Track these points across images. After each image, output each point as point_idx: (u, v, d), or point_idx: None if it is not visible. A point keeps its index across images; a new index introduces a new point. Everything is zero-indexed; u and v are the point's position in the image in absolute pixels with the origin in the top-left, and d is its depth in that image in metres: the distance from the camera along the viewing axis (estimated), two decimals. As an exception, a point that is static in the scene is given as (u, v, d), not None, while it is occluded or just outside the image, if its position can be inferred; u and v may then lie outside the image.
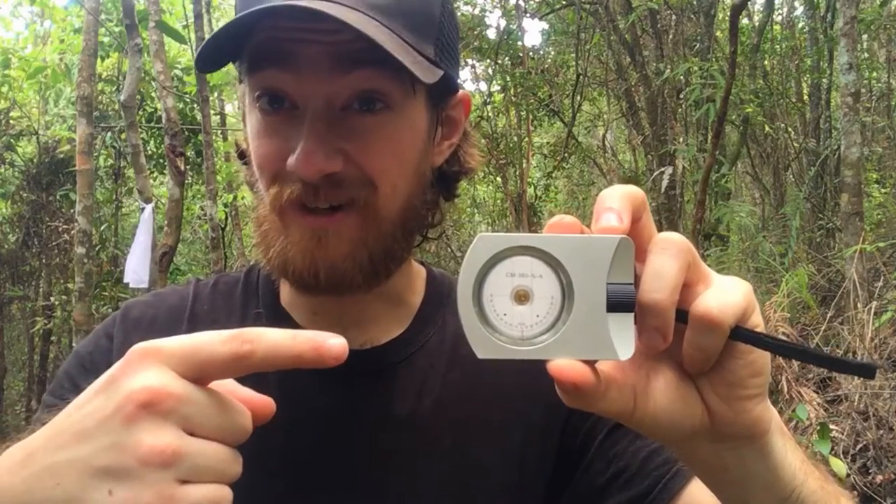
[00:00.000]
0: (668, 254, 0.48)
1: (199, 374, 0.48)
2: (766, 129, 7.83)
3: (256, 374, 0.74)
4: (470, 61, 8.83)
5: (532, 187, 9.04)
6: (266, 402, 0.53)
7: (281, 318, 0.85)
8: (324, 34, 0.68)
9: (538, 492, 0.83)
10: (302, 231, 0.73)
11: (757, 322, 0.50)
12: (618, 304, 0.48)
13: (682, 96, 7.37)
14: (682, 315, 0.49)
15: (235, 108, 11.13)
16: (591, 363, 0.48)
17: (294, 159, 0.70)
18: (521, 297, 0.49)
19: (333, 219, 0.73)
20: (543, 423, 0.83)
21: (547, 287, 0.48)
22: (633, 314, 0.49)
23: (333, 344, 0.49)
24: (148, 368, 0.47)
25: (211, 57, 0.73)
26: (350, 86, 0.71)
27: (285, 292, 0.88)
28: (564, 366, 0.47)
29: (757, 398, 0.52)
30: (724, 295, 0.49)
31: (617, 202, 0.48)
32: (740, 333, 0.49)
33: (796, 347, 0.52)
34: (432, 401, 0.82)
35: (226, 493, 0.48)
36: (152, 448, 0.45)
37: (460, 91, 0.83)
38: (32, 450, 0.48)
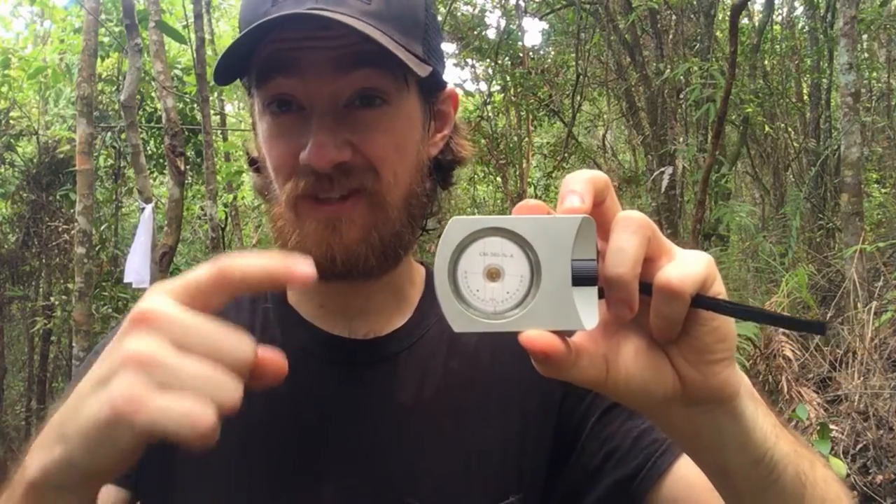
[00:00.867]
0: (629, 231, 0.51)
1: (194, 299, 0.52)
2: (766, 129, 7.84)
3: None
4: (470, 61, 8.84)
5: (532, 187, 9.04)
6: (278, 359, 0.55)
7: (288, 313, 0.90)
8: (323, 41, 0.75)
9: (538, 475, 0.86)
10: (316, 221, 0.78)
11: (718, 290, 0.53)
12: (582, 278, 0.52)
13: (682, 96, 7.37)
14: (648, 287, 0.52)
15: (236, 108, 11.14)
16: (561, 335, 0.51)
17: (307, 152, 0.76)
18: (493, 274, 0.52)
19: (345, 206, 0.78)
20: (540, 408, 0.87)
21: (517, 265, 0.52)
22: (596, 287, 0.52)
23: (302, 265, 0.53)
24: (151, 297, 0.52)
25: (225, 72, 0.80)
26: (351, 84, 0.77)
27: (292, 289, 0.91)
28: (534, 336, 0.50)
29: (724, 362, 0.55)
30: (685, 266, 0.52)
31: (579, 185, 0.52)
32: (701, 301, 0.52)
33: (752, 310, 0.55)
34: (433, 388, 0.86)
35: (206, 412, 0.48)
36: (130, 352, 0.49)
37: (448, 87, 0.90)
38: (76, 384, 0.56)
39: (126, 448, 0.50)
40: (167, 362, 0.49)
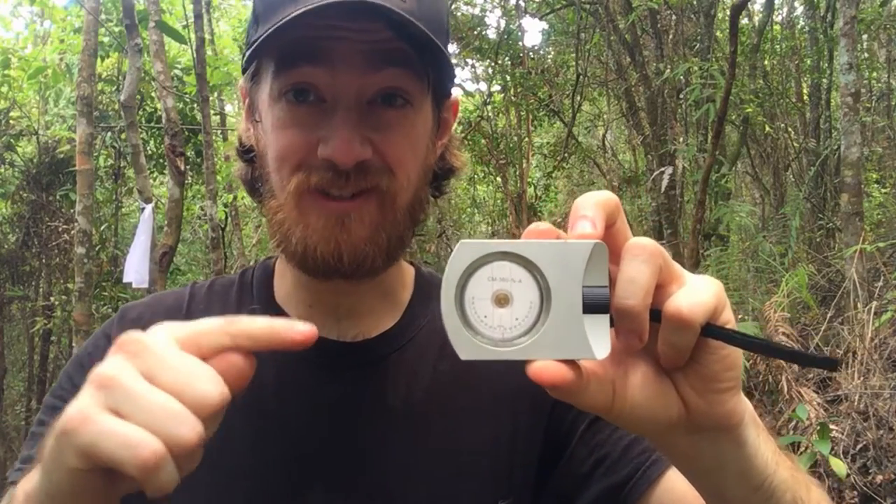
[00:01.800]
0: (640, 259, 0.50)
1: (190, 340, 0.52)
2: (766, 129, 7.83)
3: (255, 368, 0.73)
4: (470, 61, 8.83)
5: (532, 187, 9.04)
6: (239, 361, 0.53)
7: (276, 313, 0.88)
8: (357, 33, 0.73)
9: (528, 478, 0.85)
10: (325, 217, 0.76)
11: (727, 319, 0.53)
12: (593, 305, 0.51)
13: (682, 96, 7.36)
14: (657, 314, 0.51)
15: (235, 108, 11.12)
16: (570, 362, 0.50)
17: (330, 147, 0.74)
18: (502, 300, 0.51)
19: (355, 203, 0.77)
20: (530, 412, 0.86)
21: (526, 291, 0.51)
22: (608, 315, 0.51)
23: (302, 326, 0.54)
24: (152, 328, 0.53)
25: (251, 55, 0.78)
26: (379, 82, 0.76)
27: (280, 289, 0.91)
28: (542, 367, 0.49)
29: (731, 391, 0.54)
30: (695, 294, 0.51)
31: (591, 210, 0.51)
32: (711, 330, 0.51)
33: (763, 343, 0.55)
34: (423, 390, 0.85)
35: (151, 443, 0.46)
36: (97, 373, 0.50)
37: (452, 96, 0.89)
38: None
39: (71, 468, 0.49)
40: (128, 387, 0.48)
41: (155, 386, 0.49)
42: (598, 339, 0.51)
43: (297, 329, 0.53)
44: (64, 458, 0.49)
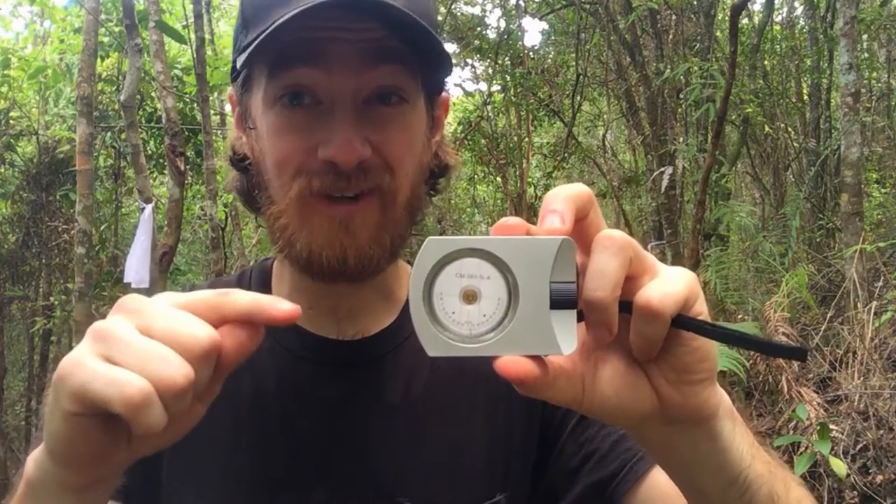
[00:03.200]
0: (609, 252, 0.50)
1: (188, 307, 0.53)
2: (766, 129, 7.83)
3: (255, 367, 0.74)
4: (470, 61, 8.83)
5: (532, 187, 9.03)
6: (240, 331, 0.54)
7: None
8: (351, 32, 0.73)
9: (525, 473, 0.87)
10: (329, 221, 0.76)
11: (700, 310, 0.53)
12: (560, 301, 0.51)
13: (682, 96, 7.36)
14: (628, 306, 0.51)
15: (235, 108, 11.11)
16: (537, 357, 0.51)
17: (331, 148, 0.73)
18: (470, 296, 0.51)
19: (358, 206, 0.77)
20: (526, 408, 0.87)
21: (494, 287, 0.51)
22: (575, 311, 0.51)
23: (286, 305, 0.53)
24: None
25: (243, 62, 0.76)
26: (375, 80, 0.75)
27: (278, 290, 0.91)
28: (508, 362, 0.50)
29: (704, 382, 0.54)
30: (666, 285, 0.51)
31: (560, 204, 0.51)
32: (682, 321, 0.51)
33: (734, 333, 0.54)
34: (422, 387, 0.86)
35: (136, 382, 0.48)
36: (94, 326, 0.52)
37: (443, 93, 0.89)
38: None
39: (66, 411, 0.50)
40: (121, 337, 0.50)
41: (148, 337, 0.51)
42: (565, 335, 0.51)
43: (279, 307, 0.53)
44: (60, 402, 0.51)
